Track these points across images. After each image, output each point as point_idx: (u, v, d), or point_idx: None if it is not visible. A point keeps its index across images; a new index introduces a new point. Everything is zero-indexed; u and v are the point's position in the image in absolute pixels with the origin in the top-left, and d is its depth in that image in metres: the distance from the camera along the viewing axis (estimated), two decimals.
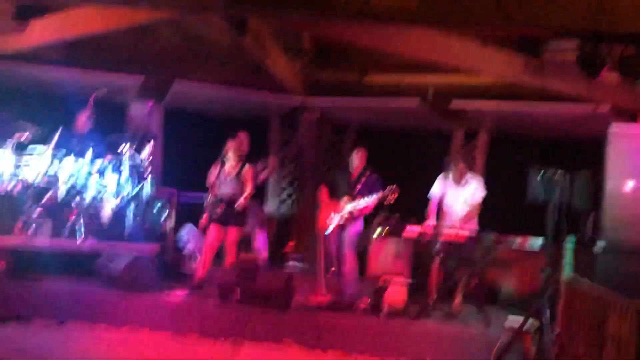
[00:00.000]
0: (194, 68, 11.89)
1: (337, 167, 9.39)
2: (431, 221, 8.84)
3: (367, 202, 8.65)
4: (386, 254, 10.06)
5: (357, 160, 9.02)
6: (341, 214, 8.79)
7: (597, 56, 7.78)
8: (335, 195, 8.96)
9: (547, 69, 9.03)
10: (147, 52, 11.61)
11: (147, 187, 9.86)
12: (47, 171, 9.39)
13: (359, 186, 8.83)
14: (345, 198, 8.81)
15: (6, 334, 7.44)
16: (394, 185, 8.52)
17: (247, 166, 9.08)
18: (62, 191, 9.32)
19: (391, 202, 8.53)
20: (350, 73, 11.96)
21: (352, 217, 8.79)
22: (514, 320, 7.70)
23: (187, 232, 10.13)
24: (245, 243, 10.25)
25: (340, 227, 8.89)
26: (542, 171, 7.30)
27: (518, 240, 7.94)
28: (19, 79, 11.41)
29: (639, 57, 7.67)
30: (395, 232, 8.63)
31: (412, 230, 8.28)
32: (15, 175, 9.35)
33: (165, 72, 11.73)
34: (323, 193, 9.11)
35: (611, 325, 5.74)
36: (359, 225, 8.95)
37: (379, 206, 8.82)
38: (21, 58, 10.39)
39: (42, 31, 9.59)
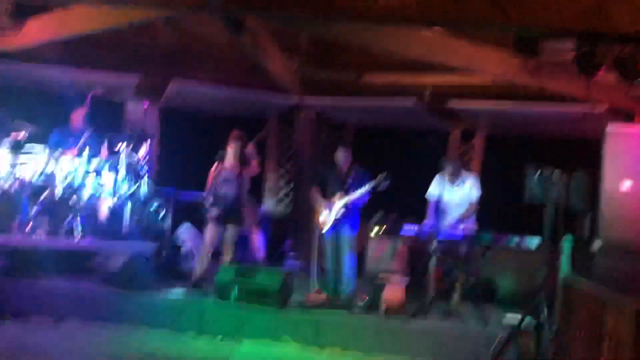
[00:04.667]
0: (190, 67, 11.89)
1: (326, 166, 9.36)
2: (429, 220, 8.87)
3: (359, 193, 8.69)
4: (384, 252, 10.08)
5: (342, 158, 9.07)
6: (336, 210, 8.81)
7: (595, 56, 7.77)
8: (327, 193, 8.99)
9: (544, 69, 9.05)
10: (144, 51, 11.61)
11: (144, 186, 9.84)
12: (44, 170, 9.38)
13: (349, 181, 8.87)
14: (337, 195, 8.84)
15: (4, 331, 7.42)
16: (384, 173, 8.56)
17: (245, 168, 9.08)
18: (59, 190, 9.29)
19: (384, 189, 8.58)
20: (348, 72, 11.97)
21: (347, 210, 8.82)
22: (512, 318, 7.73)
23: (185, 231, 10.12)
24: (243, 242, 10.27)
25: (337, 226, 8.91)
26: (539, 171, 7.32)
27: (515, 239, 7.94)
28: (16, 77, 11.38)
29: (636, 57, 7.66)
30: (393, 231, 8.62)
31: (409, 229, 8.27)
32: (12, 174, 9.32)
33: (162, 71, 11.72)
34: (314, 193, 9.13)
35: (609, 324, 5.76)
36: (356, 225, 8.97)
37: (373, 196, 8.87)
38: (18, 57, 10.37)
39: (39, 30, 9.56)
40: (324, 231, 8.97)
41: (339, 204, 8.79)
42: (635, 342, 5.29)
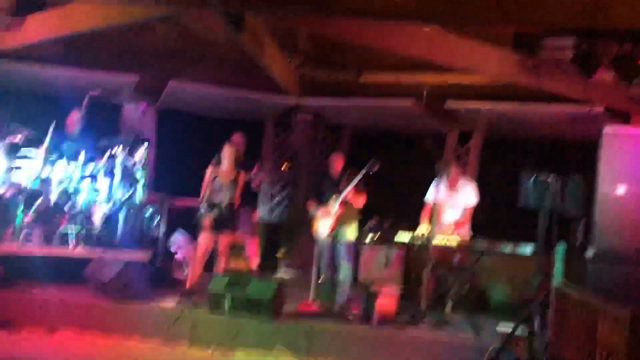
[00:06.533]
0: (189, 68, 11.85)
1: (322, 175, 9.31)
2: (423, 227, 8.80)
3: (353, 184, 8.62)
4: (377, 260, 10.03)
5: (335, 163, 9.02)
6: (332, 214, 8.76)
7: (593, 55, 7.69)
8: (323, 200, 8.94)
9: (542, 68, 8.97)
10: (142, 51, 11.58)
11: (139, 192, 9.79)
12: (39, 175, 9.34)
13: (342, 184, 8.82)
14: (332, 198, 8.79)
15: None
16: (374, 160, 8.50)
17: (242, 173, 9.00)
18: (54, 196, 9.26)
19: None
20: (346, 73, 11.90)
21: (345, 213, 8.77)
22: (506, 326, 7.68)
23: (179, 238, 10.08)
24: (237, 250, 10.23)
25: (334, 233, 8.86)
26: (534, 176, 7.24)
27: (509, 246, 7.88)
28: (12, 78, 11.35)
29: (635, 56, 7.58)
30: (386, 238, 8.58)
31: (403, 236, 8.22)
32: (6, 179, 9.28)
33: (160, 72, 11.69)
34: (311, 204, 9.08)
35: (602, 332, 5.72)
36: (353, 232, 8.92)
37: (368, 202, 8.82)
38: (15, 56, 10.35)
39: (38, 28, 9.51)
40: (321, 238, 8.93)
41: (335, 205, 8.74)
42: (629, 349, 5.25)
